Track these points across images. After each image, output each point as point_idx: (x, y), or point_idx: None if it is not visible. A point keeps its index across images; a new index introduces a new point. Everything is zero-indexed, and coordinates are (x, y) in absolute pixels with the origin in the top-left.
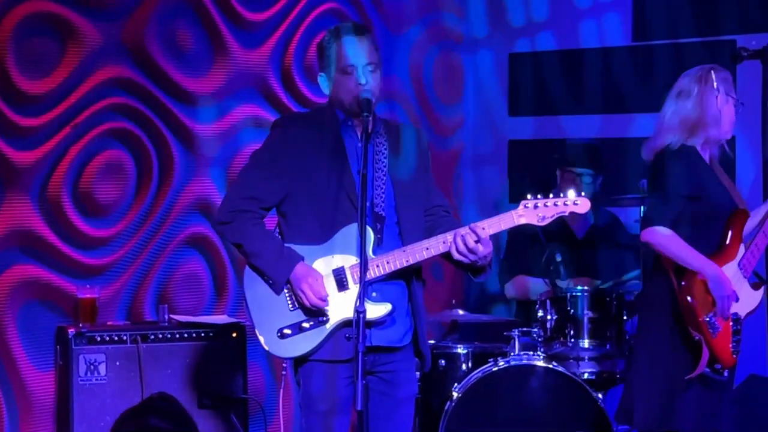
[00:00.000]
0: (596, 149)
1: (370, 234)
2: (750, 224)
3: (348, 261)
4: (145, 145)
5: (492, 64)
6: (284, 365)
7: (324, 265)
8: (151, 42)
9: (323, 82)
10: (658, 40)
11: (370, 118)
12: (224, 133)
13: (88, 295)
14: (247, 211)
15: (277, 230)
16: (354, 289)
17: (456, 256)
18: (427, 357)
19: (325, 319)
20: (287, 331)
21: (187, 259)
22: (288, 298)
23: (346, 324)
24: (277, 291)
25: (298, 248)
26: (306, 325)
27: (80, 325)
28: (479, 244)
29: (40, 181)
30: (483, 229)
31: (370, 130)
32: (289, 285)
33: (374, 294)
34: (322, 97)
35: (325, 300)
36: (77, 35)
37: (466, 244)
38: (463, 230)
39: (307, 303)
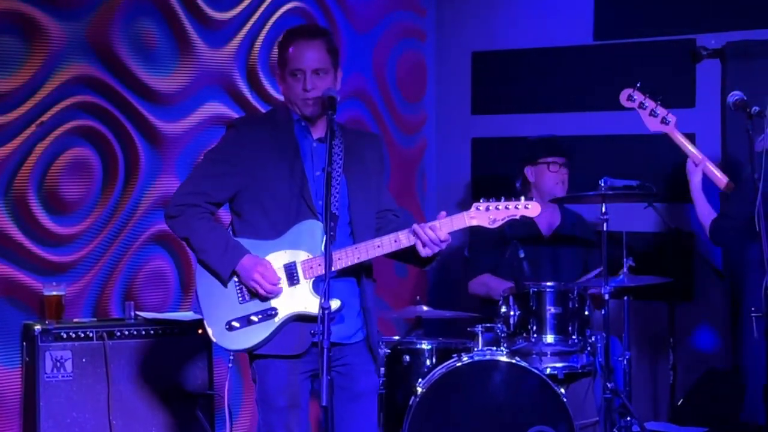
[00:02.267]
0: (561, 139)
1: (322, 231)
2: None
3: (299, 256)
4: (111, 143)
5: (455, 63)
6: (231, 357)
7: (275, 259)
8: (117, 40)
9: (279, 81)
10: (619, 38)
11: (333, 117)
12: (190, 131)
13: (54, 292)
14: (194, 205)
15: (230, 228)
16: (304, 283)
17: (421, 250)
18: (377, 355)
19: (273, 312)
20: (235, 324)
21: (152, 257)
22: (237, 291)
23: (296, 318)
24: (224, 284)
25: (251, 243)
26: (254, 318)
27: (46, 322)
28: (443, 243)
29: (6, 178)
30: (441, 230)
31: (322, 130)
32: (237, 278)
33: None
34: None
35: (278, 286)
36: (42, 33)
37: (431, 239)
38: (419, 228)
39: (262, 292)
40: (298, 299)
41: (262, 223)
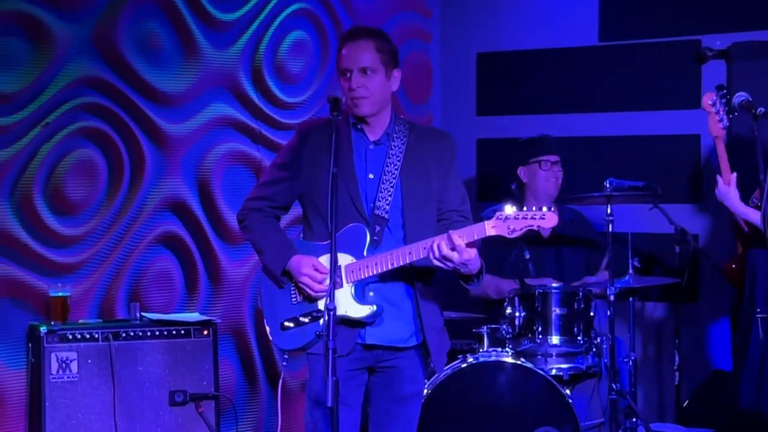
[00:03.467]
0: (551, 138)
1: (366, 235)
2: None
3: (345, 260)
4: (116, 144)
5: (460, 64)
6: (285, 356)
7: (325, 262)
8: (122, 42)
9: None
10: (624, 39)
11: (340, 118)
12: (195, 133)
13: (59, 293)
14: (257, 210)
15: (302, 231)
16: (346, 287)
17: (435, 263)
18: (433, 358)
19: (319, 314)
20: (288, 324)
21: (158, 258)
22: (292, 292)
23: (339, 321)
24: (278, 285)
25: (309, 245)
26: (304, 319)
27: (52, 323)
28: (454, 252)
29: (12, 180)
30: (458, 237)
31: (379, 131)
32: (288, 278)
33: (371, 294)
34: (291, 97)
35: (323, 283)
36: (48, 35)
37: (440, 252)
38: (439, 238)
39: (311, 293)
40: (340, 303)
41: (319, 225)
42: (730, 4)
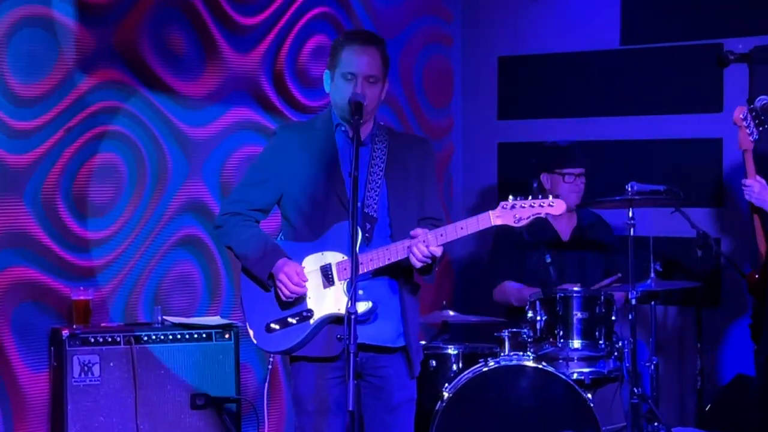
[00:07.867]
0: (578, 147)
1: (359, 233)
2: None
3: (335, 258)
4: (139, 147)
5: (481, 68)
6: (270, 359)
7: (313, 261)
8: (144, 46)
9: (327, 80)
10: (646, 43)
11: (361, 121)
12: (217, 136)
13: (81, 297)
14: (237, 213)
15: (281, 232)
16: (339, 285)
17: (417, 264)
18: (414, 362)
19: (309, 314)
20: (274, 326)
21: (180, 261)
22: (276, 294)
23: (331, 320)
24: (264, 288)
25: (293, 246)
26: (292, 320)
27: (74, 326)
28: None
29: (35, 183)
30: (441, 236)
31: (364, 134)
32: (274, 282)
33: (360, 292)
34: (313, 101)
35: (302, 287)
36: (71, 39)
37: (425, 252)
38: (422, 239)
39: (286, 292)
40: (332, 301)
41: (302, 226)
42: (752, 7)
